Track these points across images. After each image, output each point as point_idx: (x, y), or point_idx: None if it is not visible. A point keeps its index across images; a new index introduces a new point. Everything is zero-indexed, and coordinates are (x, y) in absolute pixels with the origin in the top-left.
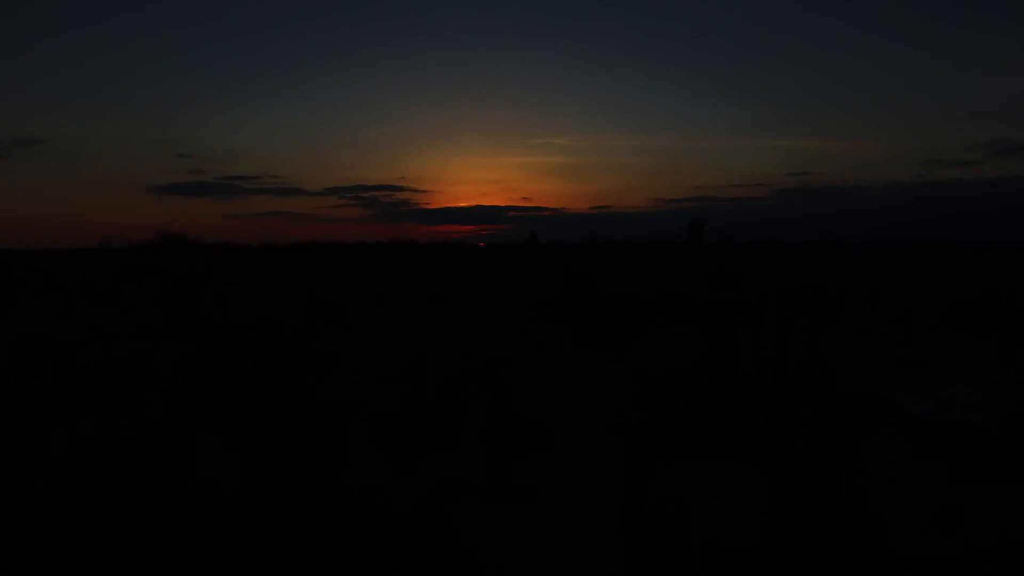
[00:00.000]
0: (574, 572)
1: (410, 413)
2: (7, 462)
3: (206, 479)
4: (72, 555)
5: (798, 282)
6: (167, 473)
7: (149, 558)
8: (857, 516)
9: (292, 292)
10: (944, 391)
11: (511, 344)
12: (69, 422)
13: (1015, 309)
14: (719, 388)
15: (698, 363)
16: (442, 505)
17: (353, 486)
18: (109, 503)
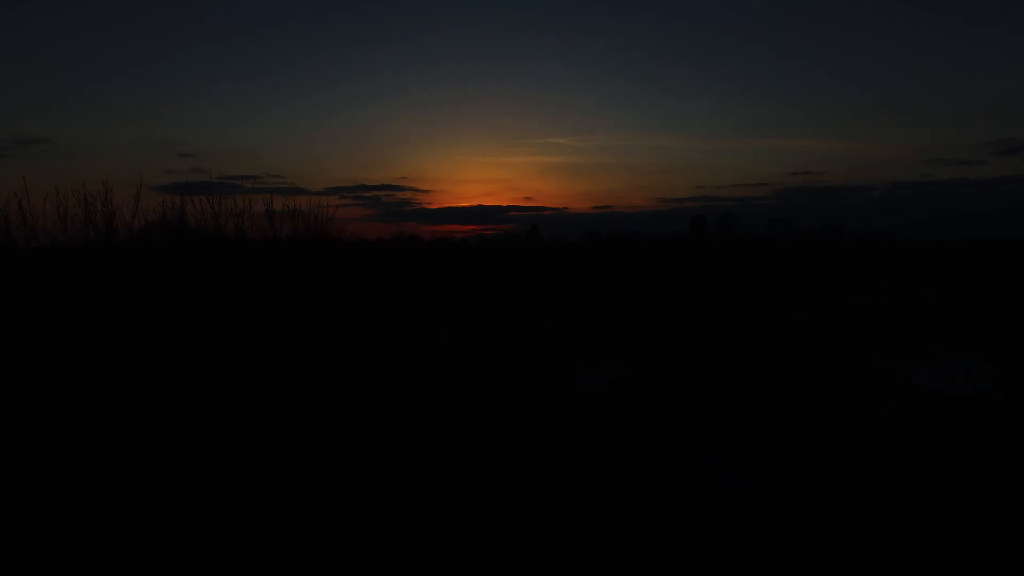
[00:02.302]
0: (568, 522)
1: (409, 383)
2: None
3: (206, 438)
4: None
5: (800, 272)
6: (169, 431)
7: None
8: (839, 469)
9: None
10: (947, 365)
11: (513, 326)
12: (73, 392)
13: (1014, 295)
14: (719, 362)
15: (699, 342)
16: (440, 464)
17: (353, 447)
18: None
